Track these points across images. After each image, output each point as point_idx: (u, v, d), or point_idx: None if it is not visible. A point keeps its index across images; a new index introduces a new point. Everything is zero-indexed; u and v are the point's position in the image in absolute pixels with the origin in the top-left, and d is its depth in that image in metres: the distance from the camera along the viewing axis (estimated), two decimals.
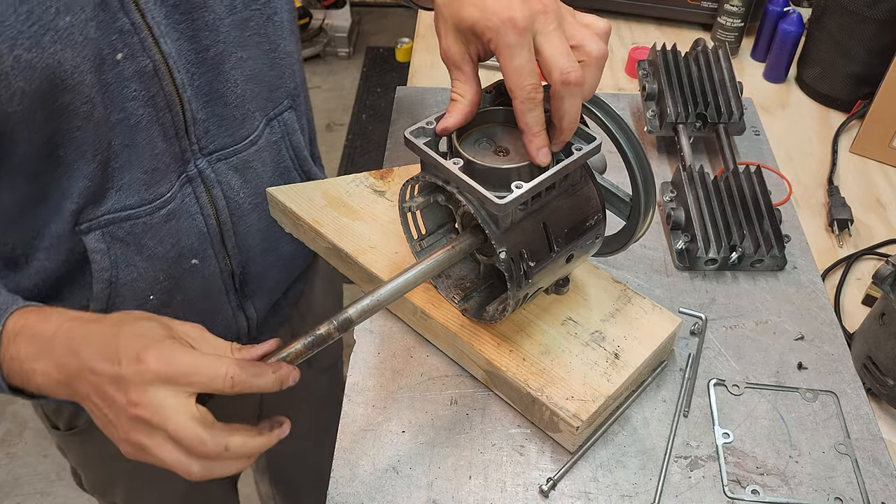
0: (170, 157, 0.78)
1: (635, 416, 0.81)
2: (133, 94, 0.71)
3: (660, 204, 1.06)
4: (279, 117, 0.89)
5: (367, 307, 0.65)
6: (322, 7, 3.49)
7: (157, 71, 0.71)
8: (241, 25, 0.77)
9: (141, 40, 0.69)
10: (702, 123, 1.12)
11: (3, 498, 1.98)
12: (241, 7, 0.77)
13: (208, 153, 0.81)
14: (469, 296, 0.81)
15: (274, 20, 0.82)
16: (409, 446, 0.78)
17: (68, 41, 0.63)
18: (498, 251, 0.68)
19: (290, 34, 0.86)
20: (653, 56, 1.19)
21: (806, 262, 0.98)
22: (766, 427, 0.80)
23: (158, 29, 0.70)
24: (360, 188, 0.95)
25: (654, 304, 0.83)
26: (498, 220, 0.67)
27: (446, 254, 0.71)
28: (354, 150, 3.05)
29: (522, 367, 0.77)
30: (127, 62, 0.69)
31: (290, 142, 0.92)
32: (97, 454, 1.04)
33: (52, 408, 0.98)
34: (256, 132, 0.85)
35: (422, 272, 0.69)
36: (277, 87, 0.87)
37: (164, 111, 0.74)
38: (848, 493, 0.75)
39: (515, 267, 0.70)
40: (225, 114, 0.80)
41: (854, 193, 1.15)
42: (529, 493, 0.74)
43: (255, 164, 0.87)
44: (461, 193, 0.68)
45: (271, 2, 0.81)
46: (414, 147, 0.69)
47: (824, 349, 0.88)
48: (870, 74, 1.25)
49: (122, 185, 0.76)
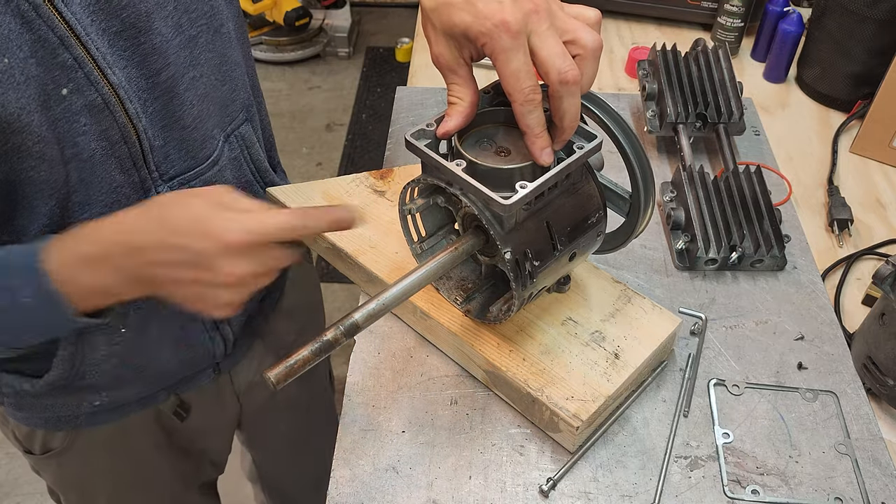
0: (129, 189, 0.75)
1: (635, 416, 0.81)
2: (84, 128, 0.69)
3: (660, 204, 1.06)
4: (236, 132, 0.86)
5: (373, 311, 0.65)
6: (322, 7, 3.49)
7: (107, 104, 0.69)
8: (189, 44, 0.75)
9: (86, 74, 0.66)
10: (702, 123, 1.12)
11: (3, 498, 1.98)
12: (188, 25, 0.74)
13: (169, 178, 0.78)
14: (471, 297, 0.81)
15: (221, 32, 0.79)
16: (409, 446, 0.78)
17: (9, 83, 0.62)
18: (503, 251, 0.68)
19: (237, 43, 0.84)
20: (653, 56, 1.19)
21: (806, 262, 0.98)
22: (766, 427, 0.80)
23: (104, 60, 0.67)
24: (360, 188, 0.95)
25: (654, 304, 0.83)
26: (502, 220, 0.67)
27: (449, 255, 0.71)
28: (354, 150, 3.05)
29: (522, 367, 0.77)
30: (74, 96, 0.67)
31: (249, 155, 0.90)
32: (75, 475, 1.01)
33: (24, 432, 0.95)
34: (217, 151, 0.83)
35: (426, 275, 0.69)
36: (232, 101, 0.84)
37: (120, 143, 0.72)
38: (848, 493, 0.75)
39: (520, 267, 0.70)
40: (183, 137, 0.78)
41: (854, 193, 1.15)
42: (529, 493, 0.74)
43: (217, 183, 0.83)
44: (464, 195, 0.68)
45: (217, 14, 0.78)
46: (415, 150, 0.69)
47: (824, 349, 0.88)
48: (870, 74, 1.25)
49: (83, 220, 0.73)
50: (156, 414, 0.98)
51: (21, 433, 0.96)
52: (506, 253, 0.68)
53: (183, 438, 1.04)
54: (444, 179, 0.69)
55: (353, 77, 3.43)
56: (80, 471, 1.01)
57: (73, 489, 1.05)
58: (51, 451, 0.96)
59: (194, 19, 0.75)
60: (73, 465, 0.99)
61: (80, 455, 0.97)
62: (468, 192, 0.67)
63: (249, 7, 3.22)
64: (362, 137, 3.12)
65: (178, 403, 0.98)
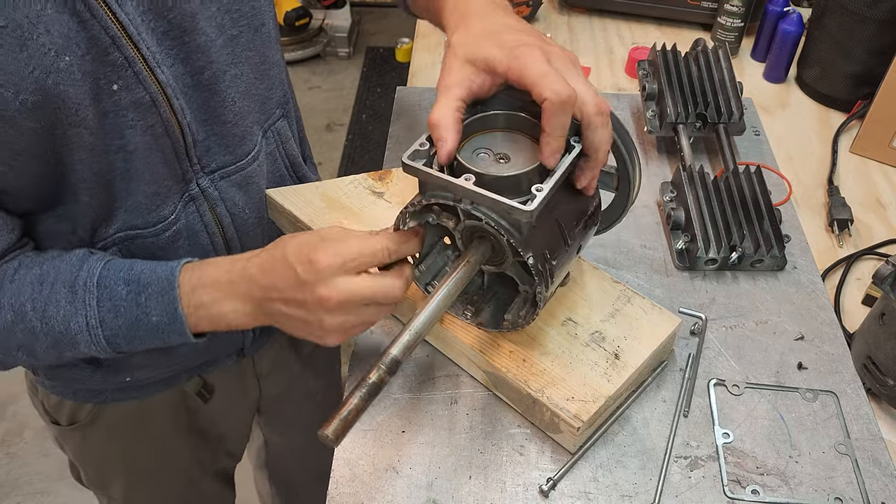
0: (171, 180, 0.79)
1: (635, 416, 0.81)
2: (131, 123, 0.71)
3: (660, 204, 1.06)
4: (273, 127, 0.89)
5: (408, 343, 0.66)
6: (322, 7, 3.49)
7: (154, 101, 0.72)
8: (231, 43, 0.77)
9: (136, 73, 0.69)
10: (702, 123, 1.12)
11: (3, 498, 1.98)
12: (230, 24, 0.77)
13: (210, 171, 0.82)
14: (480, 309, 0.81)
15: (262, 32, 0.81)
16: (409, 446, 0.78)
17: (70, 80, 0.65)
18: (525, 256, 0.67)
19: (276, 42, 0.86)
20: (653, 56, 1.19)
21: (806, 262, 0.98)
22: (766, 427, 0.80)
23: (154, 59, 0.70)
24: (359, 189, 0.95)
25: (653, 304, 0.83)
26: (521, 227, 0.67)
27: (463, 270, 0.70)
28: (354, 150, 3.05)
29: (523, 368, 0.77)
30: (123, 93, 0.69)
31: (284, 150, 0.93)
32: (97, 449, 1.04)
33: (53, 403, 0.99)
34: (256, 147, 0.86)
35: (448, 294, 0.69)
36: (269, 99, 0.87)
37: (164, 137, 0.75)
38: (848, 493, 0.75)
39: (542, 268, 0.69)
40: (224, 132, 0.81)
41: (854, 193, 1.15)
42: (529, 493, 0.75)
43: (255, 177, 0.87)
44: (475, 209, 0.67)
45: (258, 14, 0.80)
46: (415, 171, 0.68)
47: (824, 349, 0.88)
48: (870, 74, 1.25)
49: (128, 208, 0.77)
50: (180, 394, 1.00)
51: (50, 403, 0.99)
52: (528, 258, 0.68)
53: (204, 420, 1.06)
54: (450, 197, 0.68)
55: (353, 77, 3.43)
56: (102, 445, 1.03)
57: (93, 464, 1.08)
58: (76, 423, 0.99)
59: (236, 19, 0.77)
60: (97, 439, 1.01)
61: (104, 430, 1.00)
62: (481, 206, 0.66)
63: None
64: (362, 137, 3.12)
65: (201, 384, 1.01)
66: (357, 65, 3.50)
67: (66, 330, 0.73)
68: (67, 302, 0.72)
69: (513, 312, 0.77)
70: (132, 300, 0.72)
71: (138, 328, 0.73)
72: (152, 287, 0.73)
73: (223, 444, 1.14)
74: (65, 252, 0.76)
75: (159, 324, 0.73)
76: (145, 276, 0.73)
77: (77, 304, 0.72)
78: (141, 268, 0.74)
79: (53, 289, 0.73)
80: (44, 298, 0.72)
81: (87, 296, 0.72)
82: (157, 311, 0.72)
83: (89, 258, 0.75)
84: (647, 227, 1.03)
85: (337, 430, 0.61)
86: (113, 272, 0.74)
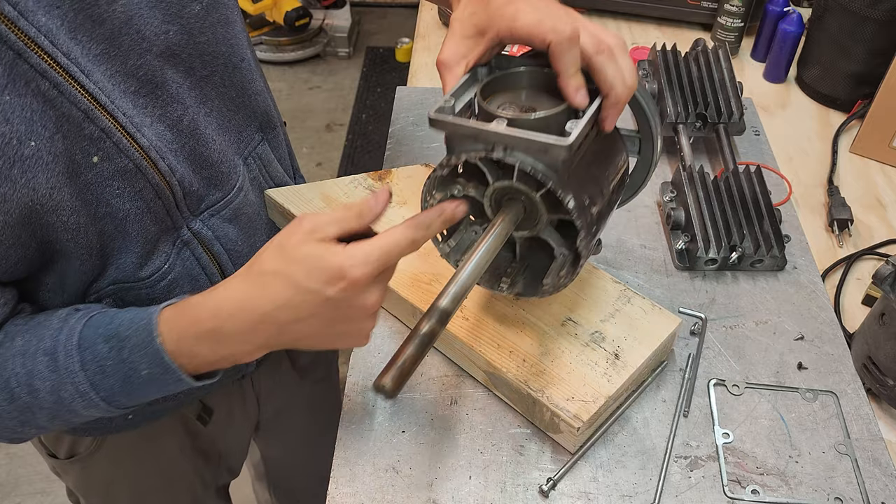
0: (163, 233, 0.76)
1: (635, 417, 0.81)
2: (117, 191, 0.68)
3: (660, 204, 1.06)
4: (254, 153, 0.87)
5: (457, 294, 0.63)
6: (322, 7, 3.49)
7: (139, 168, 0.69)
8: (200, 84, 0.74)
9: (115, 143, 0.66)
10: (702, 123, 1.12)
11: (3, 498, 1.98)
12: (201, 66, 0.74)
13: (199, 213, 0.79)
14: (515, 281, 0.77)
15: (241, 67, 0.79)
16: (409, 446, 0.78)
17: (39, 166, 0.61)
18: (565, 199, 0.65)
19: (256, 71, 0.84)
20: (653, 56, 1.19)
21: (806, 262, 0.98)
22: (766, 427, 0.80)
23: (132, 124, 0.67)
24: (359, 189, 0.95)
25: (653, 304, 0.83)
26: (559, 168, 0.64)
27: (501, 227, 0.68)
28: (354, 150, 3.05)
29: (523, 369, 0.77)
30: (105, 164, 0.66)
31: (267, 174, 0.90)
32: (98, 479, 1.01)
33: (50, 437, 0.95)
34: (240, 178, 0.83)
35: (489, 248, 0.66)
36: (247, 126, 0.84)
37: (154, 200, 0.72)
38: (848, 493, 0.75)
39: (583, 211, 0.66)
40: (212, 173, 0.78)
41: (854, 193, 1.15)
42: (529, 493, 0.74)
43: (244, 208, 0.84)
44: (510, 154, 0.64)
45: (237, 50, 0.77)
46: (443, 124, 0.65)
47: (824, 349, 0.88)
48: (870, 74, 1.25)
49: (119, 265, 0.74)
50: (180, 418, 0.98)
51: (47, 437, 0.95)
52: (568, 201, 0.65)
53: (205, 441, 1.05)
54: (481, 149, 0.65)
55: (353, 77, 3.43)
56: (103, 474, 1.00)
57: (96, 492, 1.05)
58: (76, 456, 0.96)
59: (208, 62, 0.74)
60: (98, 469, 0.98)
61: (105, 459, 0.97)
62: (516, 150, 0.64)
63: (249, 7, 3.22)
64: (362, 137, 3.12)
65: (201, 408, 0.99)
66: (357, 65, 3.50)
67: (58, 400, 0.67)
68: (51, 371, 0.66)
69: (552, 276, 0.73)
70: (116, 357, 0.65)
71: (132, 384, 0.66)
72: (132, 340, 0.65)
73: (224, 461, 1.13)
74: (52, 313, 0.70)
75: (151, 376, 0.66)
76: (124, 329, 0.66)
77: (60, 371, 0.66)
78: (121, 319, 0.67)
79: (35, 359, 0.66)
80: (27, 372, 0.66)
81: (68, 361, 0.66)
82: (144, 363, 0.65)
83: (71, 318, 0.68)
84: (647, 227, 1.03)
85: (395, 380, 0.58)
86: (93, 330, 0.67)
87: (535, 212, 0.70)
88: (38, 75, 0.59)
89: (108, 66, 0.65)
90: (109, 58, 0.65)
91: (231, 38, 0.76)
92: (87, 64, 0.63)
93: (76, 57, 0.62)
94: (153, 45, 0.68)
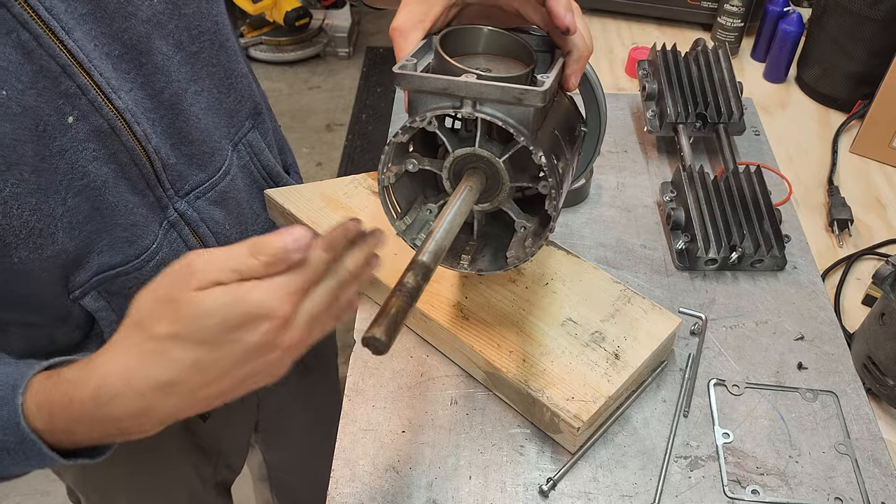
0: (146, 209, 0.76)
1: (635, 416, 0.81)
2: (92, 154, 0.68)
3: (660, 204, 1.06)
4: (244, 140, 0.87)
5: (436, 249, 0.58)
6: (322, 7, 3.49)
7: (113, 128, 0.69)
8: (190, 60, 0.75)
9: (90, 100, 0.66)
10: (702, 123, 1.12)
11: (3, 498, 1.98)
12: (189, 41, 0.74)
13: (184, 194, 0.79)
14: (475, 258, 0.75)
15: (226, 47, 0.79)
16: (409, 446, 0.78)
17: (5, 115, 0.60)
18: (537, 156, 0.63)
19: (241, 56, 0.84)
20: (653, 56, 1.19)
21: (806, 262, 0.98)
22: (766, 427, 0.80)
23: (108, 85, 0.67)
24: (359, 189, 0.95)
25: (653, 304, 0.83)
26: (530, 122, 0.63)
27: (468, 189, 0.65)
28: (354, 150, 3.05)
29: (523, 369, 0.77)
30: (79, 124, 0.66)
31: (258, 162, 0.90)
32: (98, 477, 1.02)
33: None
34: (227, 161, 0.83)
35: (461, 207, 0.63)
36: (237, 111, 0.85)
37: (130, 166, 0.72)
38: (848, 493, 0.75)
39: (553, 166, 0.65)
40: (193, 151, 0.78)
41: (854, 193, 1.15)
42: (529, 493, 0.74)
43: (231, 192, 0.85)
44: (480, 109, 0.62)
45: (222, 30, 0.78)
46: (409, 80, 0.62)
47: (824, 349, 0.88)
48: (870, 74, 1.25)
49: (103, 248, 0.73)
50: None
51: None
52: (540, 157, 0.63)
53: (204, 438, 1.05)
54: (448, 106, 0.63)
55: (353, 77, 3.43)
56: (104, 473, 1.01)
57: (96, 490, 1.05)
58: None
59: (196, 36, 0.75)
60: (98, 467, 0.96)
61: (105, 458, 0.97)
62: (486, 104, 0.62)
63: (249, 7, 3.22)
64: (362, 137, 3.12)
65: None
66: (357, 65, 3.50)
67: None
68: None
69: (515, 248, 0.71)
70: None
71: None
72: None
73: (223, 458, 1.13)
74: None
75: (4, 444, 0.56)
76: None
77: None
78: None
79: None
80: None
81: None
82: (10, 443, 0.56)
83: None
84: (647, 227, 1.03)
85: (388, 330, 0.51)
86: None
87: (496, 183, 0.68)
88: (20, 25, 0.60)
89: (92, 27, 0.66)
90: (95, 19, 0.66)
91: (216, 14, 0.78)
92: (70, 21, 0.64)
93: (58, 13, 0.63)
94: (138, 10, 0.69)
